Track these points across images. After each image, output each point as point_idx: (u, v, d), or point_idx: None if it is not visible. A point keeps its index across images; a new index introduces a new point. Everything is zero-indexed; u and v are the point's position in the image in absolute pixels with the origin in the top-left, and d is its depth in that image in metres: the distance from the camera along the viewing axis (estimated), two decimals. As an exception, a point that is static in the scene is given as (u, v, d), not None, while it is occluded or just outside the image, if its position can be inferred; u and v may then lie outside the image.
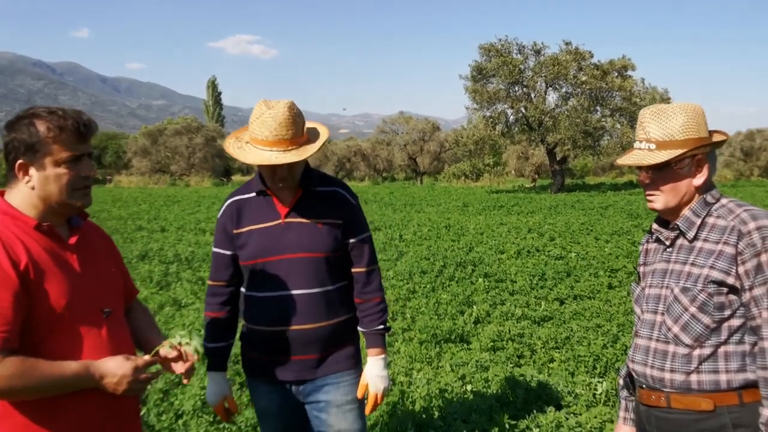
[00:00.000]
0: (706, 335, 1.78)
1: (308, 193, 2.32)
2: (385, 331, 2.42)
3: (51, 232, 1.73)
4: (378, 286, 2.42)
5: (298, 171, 2.27)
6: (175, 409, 4.03)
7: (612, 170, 47.12)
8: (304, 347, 2.30)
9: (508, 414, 3.87)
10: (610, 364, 4.82)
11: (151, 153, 44.64)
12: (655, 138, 1.83)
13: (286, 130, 2.14)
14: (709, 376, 1.78)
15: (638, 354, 1.93)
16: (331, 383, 2.35)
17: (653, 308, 1.89)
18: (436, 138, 45.02)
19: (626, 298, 7.07)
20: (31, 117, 1.68)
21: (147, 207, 21.58)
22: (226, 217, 2.36)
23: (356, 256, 2.39)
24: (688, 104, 1.86)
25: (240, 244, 2.32)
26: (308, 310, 2.27)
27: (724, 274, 1.75)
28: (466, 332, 5.83)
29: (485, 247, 10.96)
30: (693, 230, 1.83)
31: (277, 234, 2.28)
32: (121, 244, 11.89)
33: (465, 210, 19.44)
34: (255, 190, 2.35)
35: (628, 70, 29.13)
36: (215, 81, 76.14)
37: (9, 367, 1.55)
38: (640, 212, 17.15)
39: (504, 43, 29.17)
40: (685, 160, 1.82)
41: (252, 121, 2.19)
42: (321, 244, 2.28)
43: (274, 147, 2.14)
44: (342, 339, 2.38)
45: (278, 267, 2.27)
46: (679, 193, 1.85)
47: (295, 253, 2.27)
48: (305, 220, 2.29)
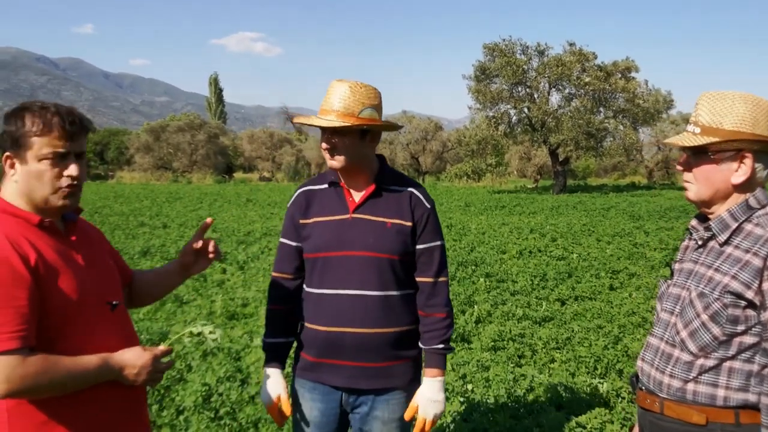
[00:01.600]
0: (713, 346, 1.67)
1: (380, 190, 2.23)
2: (447, 351, 2.25)
3: (52, 229, 1.72)
4: (445, 300, 2.26)
5: (345, 150, 2.15)
6: (176, 404, 4.04)
7: (614, 172, 47.07)
8: (358, 353, 2.17)
9: (508, 414, 3.88)
10: (611, 365, 4.82)
11: (154, 149, 44.64)
12: (702, 122, 1.70)
13: (339, 101, 2.11)
14: (706, 388, 1.69)
15: (648, 353, 1.86)
16: (382, 399, 2.23)
17: (670, 308, 1.81)
18: (438, 137, 44.99)
19: (628, 300, 7.07)
20: (22, 110, 1.68)
21: (149, 203, 21.60)
22: (295, 207, 2.30)
23: (424, 264, 2.24)
24: (753, 96, 1.69)
25: (305, 235, 2.25)
26: (367, 313, 2.16)
27: (744, 286, 1.62)
28: (467, 332, 5.84)
29: (487, 247, 10.96)
30: (725, 234, 1.71)
31: (343, 228, 2.19)
32: (123, 240, 11.91)
33: (467, 210, 19.43)
34: (328, 180, 2.27)
35: (631, 71, 29.08)
36: (218, 78, 76.20)
37: (33, 365, 1.55)
38: (642, 214, 17.14)
39: (508, 43, 29.14)
40: (725, 152, 1.68)
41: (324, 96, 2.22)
42: (387, 244, 2.17)
43: (324, 116, 2.14)
44: (400, 352, 2.23)
45: (340, 263, 2.17)
46: (712, 185, 1.72)
47: (360, 250, 2.16)
48: (374, 218, 2.19)
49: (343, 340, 2.17)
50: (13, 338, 1.53)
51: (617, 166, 45.66)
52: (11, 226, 1.64)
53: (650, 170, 42.80)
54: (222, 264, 9.48)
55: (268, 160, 46.19)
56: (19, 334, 1.54)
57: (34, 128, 1.65)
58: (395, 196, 2.23)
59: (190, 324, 1.52)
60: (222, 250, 1.86)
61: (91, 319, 1.72)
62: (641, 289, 7.60)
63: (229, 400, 4.04)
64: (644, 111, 28.99)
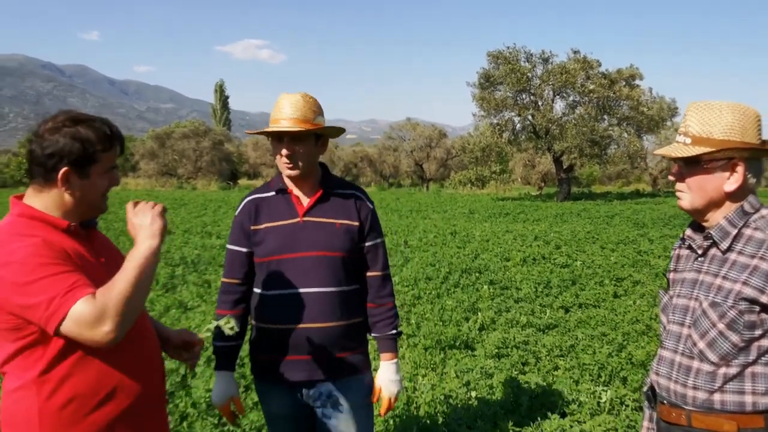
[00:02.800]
0: (733, 354, 1.68)
1: (327, 194, 2.38)
2: (398, 336, 2.46)
3: (78, 233, 1.78)
4: (391, 291, 2.48)
5: (304, 157, 2.30)
6: (180, 410, 4.04)
7: (618, 179, 47.02)
8: (316, 347, 2.30)
9: (512, 421, 3.88)
10: (615, 373, 4.81)
11: (159, 156, 44.78)
12: (693, 133, 1.73)
13: (294, 110, 2.26)
14: (733, 396, 1.69)
15: (663, 367, 1.85)
16: (341, 388, 2.36)
17: (680, 320, 1.81)
18: (442, 145, 45.07)
19: (632, 307, 7.05)
20: (77, 125, 1.71)
21: (154, 209, 21.62)
22: (244, 215, 2.39)
23: (371, 260, 2.43)
24: (740, 105, 1.73)
25: (257, 240, 2.35)
26: (322, 308, 2.29)
27: (758, 291, 1.63)
28: (470, 339, 5.83)
29: (491, 254, 10.95)
30: (727, 241, 1.73)
31: (295, 232, 2.31)
32: (128, 246, 11.86)
33: (471, 217, 19.43)
34: (275, 189, 2.40)
35: (635, 79, 29.11)
36: (223, 85, 76.42)
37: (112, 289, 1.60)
38: (646, 222, 17.11)
39: (512, 50, 29.20)
40: (717, 161, 1.71)
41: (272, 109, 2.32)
42: (338, 243, 2.32)
43: (282, 122, 2.27)
44: (353, 343, 2.39)
45: (294, 264, 2.29)
46: (706, 194, 1.75)
47: (312, 251, 2.30)
48: (323, 220, 2.34)
49: (303, 335, 2.29)
50: (87, 285, 1.61)
51: (621, 174, 45.64)
52: (42, 231, 1.69)
53: (654, 178, 42.76)
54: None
55: (272, 167, 46.24)
56: (88, 282, 1.62)
57: (100, 146, 1.72)
58: (340, 199, 2.40)
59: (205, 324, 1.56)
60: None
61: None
62: (645, 297, 7.58)
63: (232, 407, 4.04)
64: (648, 119, 28.98)
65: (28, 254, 1.58)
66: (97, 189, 1.77)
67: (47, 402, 1.65)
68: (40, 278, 1.56)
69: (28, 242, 1.61)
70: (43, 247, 1.61)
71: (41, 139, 1.69)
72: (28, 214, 1.72)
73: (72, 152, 1.69)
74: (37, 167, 1.71)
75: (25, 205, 1.74)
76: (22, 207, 1.73)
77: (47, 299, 1.55)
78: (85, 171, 1.72)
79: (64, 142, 1.68)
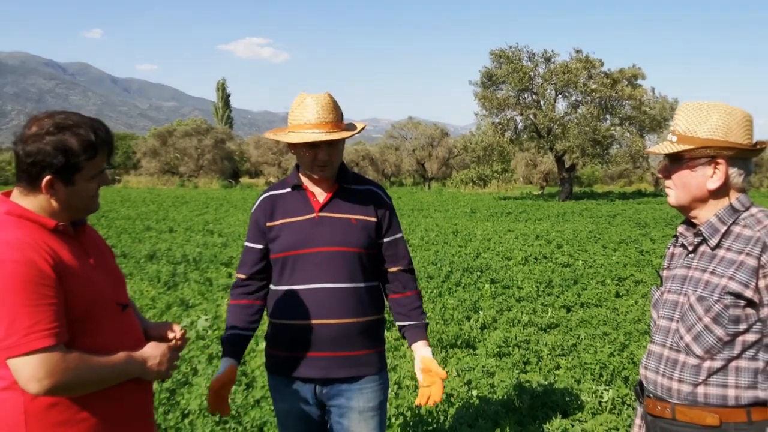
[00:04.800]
0: (718, 348, 1.72)
1: (343, 189, 2.35)
2: (427, 323, 2.44)
3: (66, 232, 1.74)
4: (416, 282, 2.47)
5: (338, 159, 2.29)
6: (181, 408, 4.05)
7: (620, 179, 46.97)
8: (331, 343, 2.26)
9: (514, 420, 3.88)
10: (616, 372, 4.80)
11: (161, 154, 44.80)
12: (679, 131, 1.79)
13: (327, 113, 2.21)
14: (716, 389, 1.73)
15: (651, 360, 1.89)
16: (355, 389, 2.32)
17: (669, 315, 1.84)
18: (444, 144, 45.02)
19: (633, 307, 7.05)
20: (61, 132, 1.66)
21: (155, 207, 21.67)
22: (260, 212, 2.38)
23: (392, 256, 2.40)
24: (727, 106, 1.77)
25: (272, 236, 2.33)
26: (338, 304, 2.25)
27: (742, 286, 1.68)
28: (472, 338, 5.83)
29: (492, 254, 10.95)
30: (716, 238, 1.77)
31: (311, 227, 2.29)
32: (129, 244, 11.96)
33: (473, 216, 19.42)
34: (290, 185, 2.37)
35: (638, 78, 29.08)
36: (225, 83, 76.34)
37: (72, 360, 1.59)
38: (648, 221, 17.09)
39: (514, 50, 29.18)
40: (699, 158, 1.76)
41: (293, 109, 2.25)
42: (354, 239, 2.29)
43: (316, 129, 2.20)
44: (369, 341, 2.35)
45: (310, 260, 2.26)
46: (689, 191, 1.80)
47: (328, 246, 2.27)
48: (339, 215, 2.31)
49: (319, 331, 2.26)
50: (51, 335, 1.57)
51: (623, 174, 45.57)
52: (30, 231, 1.66)
53: (657, 177, 42.68)
54: (228, 268, 9.51)
55: (274, 166, 46.26)
56: (55, 331, 1.58)
57: (84, 156, 1.68)
58: (357, 194, 2.36)
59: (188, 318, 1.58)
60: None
61: (105, 320, 1.74)
62: (647, 297, 7.57)
63: (234, 404, 4.04)
64: (651, 118, 28.95)
65: (5, 274, 1.56)
66: (85, 193, 1.74)
67: (32, 402, 1.63)
68: (3, 303, 1.54)
69: (9, 261, 1.57)
70: (23, 269, 1.57)
71: (25, 144, 1.65)
72: (16, 212, 1.69)
73: (53, 163, 1.65)
74: (21, 173, 1.69)
75: (13, 203, 1.71)
76: (10, 205, 1.70)
77: (5, 328, 1.54)
78: (69, 179, 1.69)
79: (46, 152, 1.63)
